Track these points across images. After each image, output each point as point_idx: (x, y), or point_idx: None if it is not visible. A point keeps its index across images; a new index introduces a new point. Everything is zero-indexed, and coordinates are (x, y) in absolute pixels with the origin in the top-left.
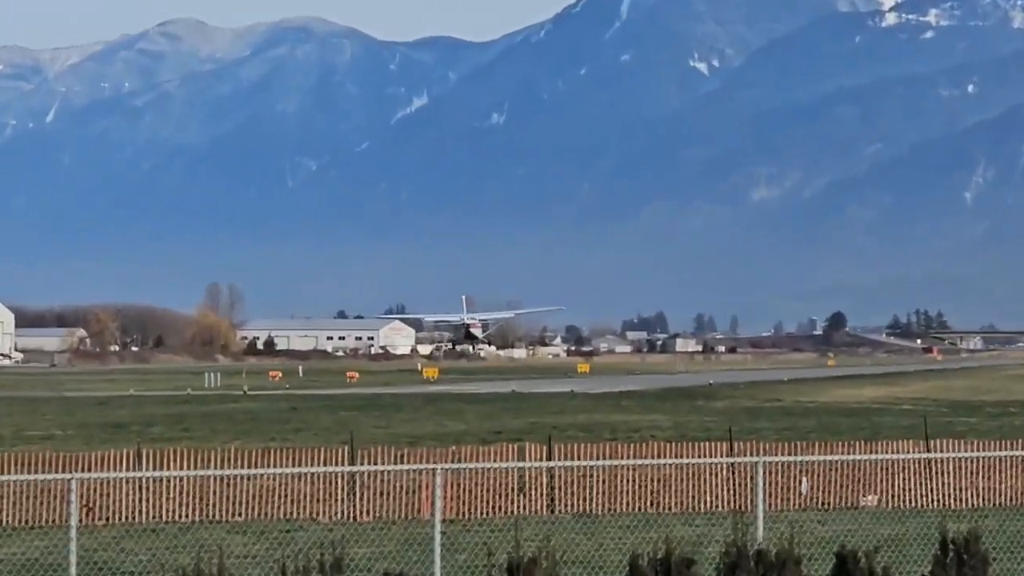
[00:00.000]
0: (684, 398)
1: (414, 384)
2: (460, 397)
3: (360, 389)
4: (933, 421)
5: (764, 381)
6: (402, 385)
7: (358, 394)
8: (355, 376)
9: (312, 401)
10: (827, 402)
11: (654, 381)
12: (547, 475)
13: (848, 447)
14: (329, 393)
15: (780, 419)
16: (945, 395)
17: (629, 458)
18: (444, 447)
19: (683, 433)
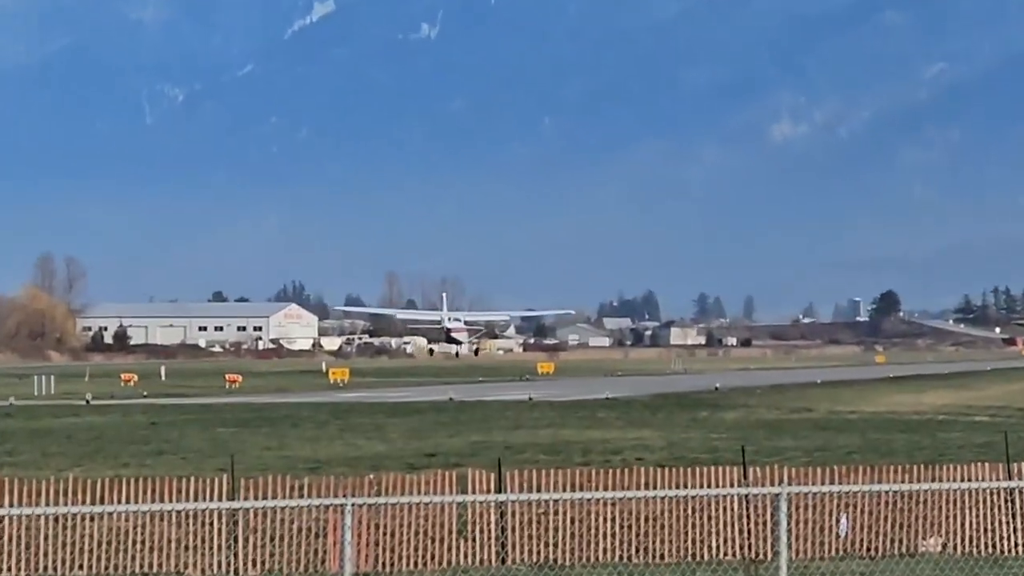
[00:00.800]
0: (682, 408)
1: (317, 390)
2: (379, 407)
3: (244, 397)
4: (1017, 437)
5: (789, 384)
6: (301, 391)
7: (242, 404)
8: (237, 380)
9: (179, 413)
10: (875, 412)
11: (642, 385)
12: (496, 512)
13: (903, 473)
14: (203, 403)
15: (811, 435)
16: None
17: (607, 489)
18: (357, 475)
19: (680, 455)
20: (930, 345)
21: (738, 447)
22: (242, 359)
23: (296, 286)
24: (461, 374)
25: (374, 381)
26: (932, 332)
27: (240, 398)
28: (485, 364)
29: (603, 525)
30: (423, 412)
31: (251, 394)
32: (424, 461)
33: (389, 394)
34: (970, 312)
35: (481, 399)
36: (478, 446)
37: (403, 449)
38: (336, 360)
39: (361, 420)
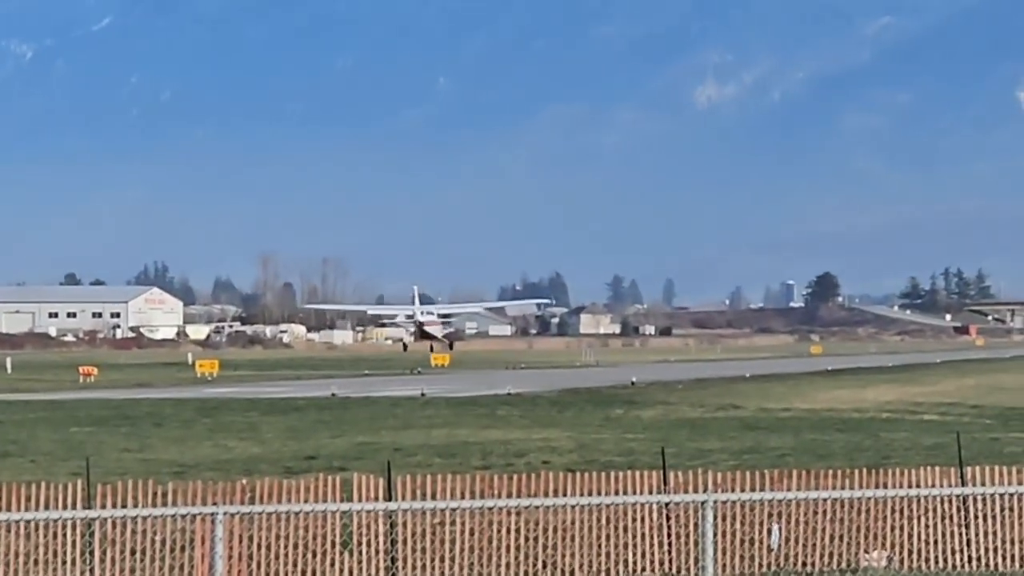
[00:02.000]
0: (594, 404)
1: (183, 384)
2: (253, 404)
3: (101, 392)
4: (971, 438)
5: (715, 378)
6: (165, 386)
7: (97, 400)
8: (93, 372)
9: (27, 411)
10: (810, 409)
11: (548, 379)
12: (385, 523)
13: (843, 478)
14: (54, 398)
15: (739, 436)
16: (989, 398)
17: (510, 496)
18: (228, 481)
19: (592, 458)
20: (872, 334)
21: (657, 449)
22: (98, 349)
23: (158, 267)
24: (344, 367)
25: (247, 374)
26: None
27: (96, 393)
28: (372, 354)
29: (505, 537)
30: (302, 410)
31: (108, 389)
32: (304, 465)
33: (264, 389)
34: (918, 297)
35: (367, 395)
36: (364, 448)
37: (280, 451)
38: (204, 351)
39: (232, 418)
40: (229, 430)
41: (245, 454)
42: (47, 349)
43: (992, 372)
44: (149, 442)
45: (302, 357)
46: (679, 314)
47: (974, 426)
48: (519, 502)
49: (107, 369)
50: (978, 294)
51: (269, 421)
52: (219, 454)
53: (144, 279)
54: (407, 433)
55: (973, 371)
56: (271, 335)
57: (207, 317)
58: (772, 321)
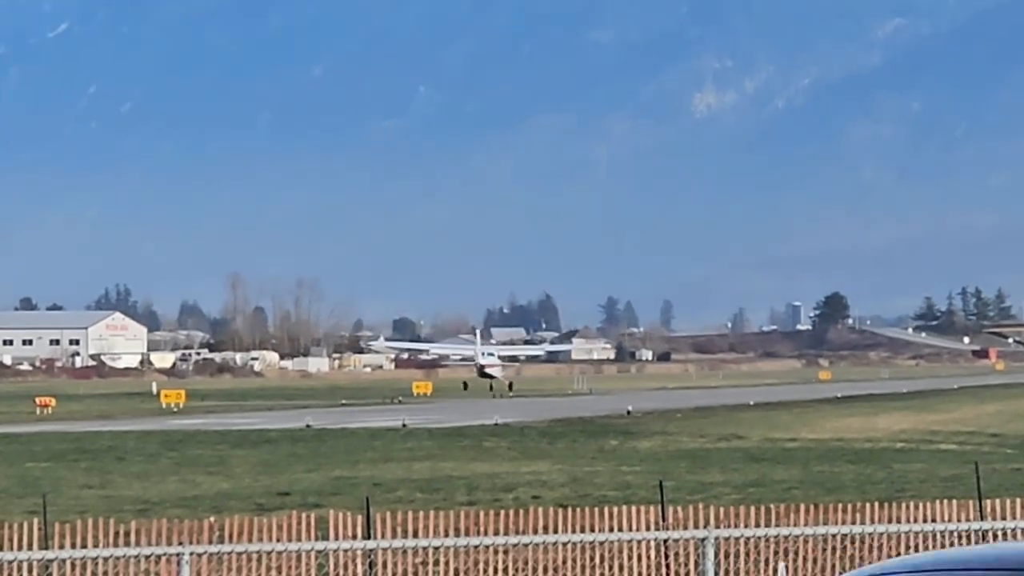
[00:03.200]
0: (587, 435)
1: (147, 416)
2: (222, 436)
3: (59, 424)
4: (991, 469)
5: (716, 406)
6: (127, 417)
7: (55, 432)
8: (50, 403)
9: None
10: (818, 439)
11: (538, 408)
12: (364, 563)
13: (853, 512)
14: (8, 431)
15: (743, 468)
16: (1010, 426)
17: (497, 533)
18: (196, 518)
19: (585, 493)
20: (885, 358)
21: (655, 483)
22: (56, 378)
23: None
24: (319, 396)
25: (215, 405)
26: (887, 342)
27: (54, 425)
28: (350, 383)
29: (494, 575)
30: (275, 442)
31: (67, 420)
32: (276, 501)
33: (234, 420)
34: (933, 318)
35: (344, 426)
36: (341, 483)
37: (251, 487)
38: (169, 380)
39: (200, 452)
40: (196, 464)
41: (214, 490)
42: (1, 379)
43: (1013, 398)
44: (111, 478)
45: (275, 386)
46: (677, 338)
47: (994, 456)
48: (507, 540)
49: (66, 400)
50: (998, 315)
51: (239, 455)
52: (186, 490)
53: (105, 303)
54: (387, 466)
55: (993, 397)
56: (241, 362)
57: (173, 344)
58: (777, 345)
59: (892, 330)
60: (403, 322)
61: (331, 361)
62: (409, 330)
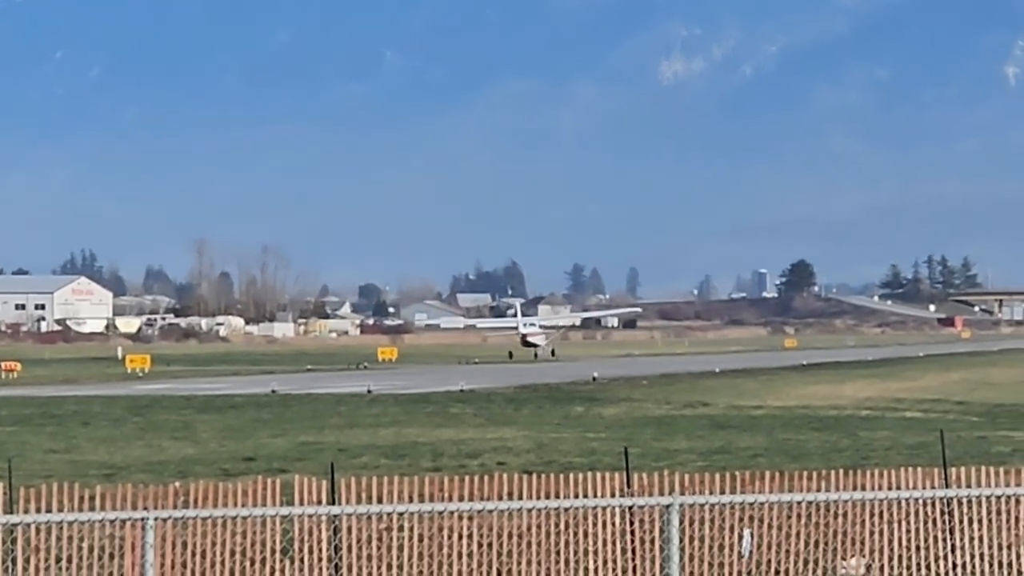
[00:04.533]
0: (552, 401)
1: (113, 380)
2: (187, 401)
3: (24, 389)
4: (956, 437)
5: (682, 373)
6: (93, 382)
7: (20, 397)
8: (15, 368)
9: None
10: (784, 407)
11: (504, 375)
12: (328, 528)
13: (819, 480)
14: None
15: (708, 435)
16: (976, 394)
17: (462, 500)
18: (161, 483)
19: (550, 459)
20: (851, 326)
21: (620, 449)
22: (21, 343)
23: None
24: (285, 362)
25: (181, 370)
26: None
27: (19, 390)
28: (315, 349)
29: (457, 543)
30: (240, 407)
31: (32, 385)
32: (241, 466)
33: (199, 385)
34: (899, 286)
35: (310, 392)
36: (306, 448)
37: (216, 452)
38: (135, 345)
39: (165, 417)
40: (162, 429)
41: (179, 455)
42: None
43: (979, 366)
44: (76, 442)
45: (240, 351)
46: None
47: (959, 424)
48: (472, 506)
49: (31, 364)
50: (964, 283)
51: (205, 420)
52: (151, 455)
53: (71, 268)
54: (352, 432)
55: (959, 365)
56: (207, 328)
57: (138, 309)
58: (743, 312)
59: (858, 298)
60: (369, 288)
61: (297, 327)
62: (375, 296)
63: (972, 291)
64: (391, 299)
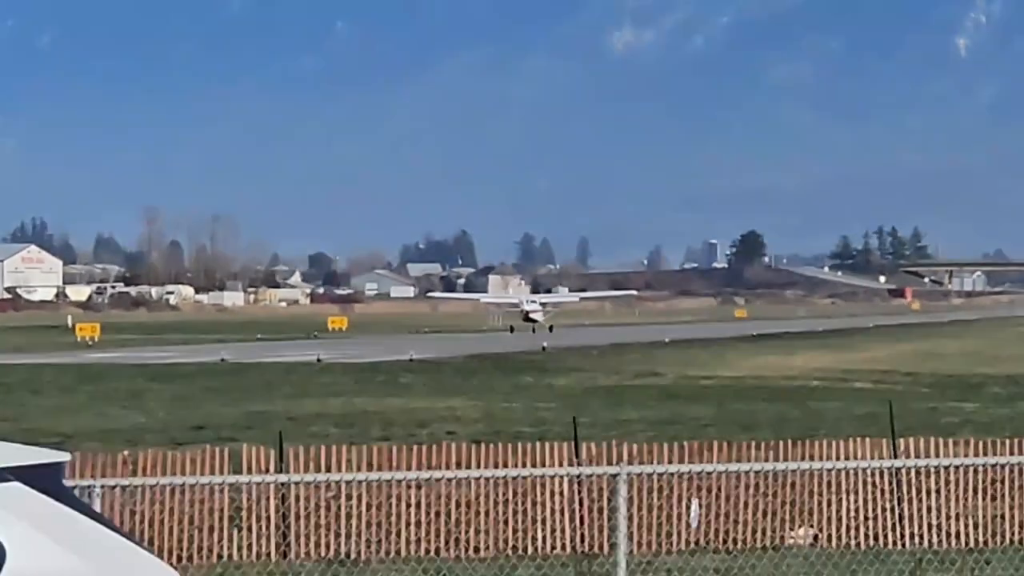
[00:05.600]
0: (502, 372)
1: (62, 349)
2: (137, 370)
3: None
4: (905, 407)
5: (632, 343)
6: (42, 351)
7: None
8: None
9: None
10: (734, 377)
11: (454, 344)
12: (277, 497)
13: (768, 450)
14: None
15: (658, 405)
16: (925, 365)
17: (411, 469)
18: (110, 452)
19: (499, 429)
20: (801, 297)
21: (570, 419)
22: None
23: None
24: (235, 331)
25: (131, 338)
26: (803, 281)
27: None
28: (265, 318)
29: (406, 512)
30: (190, 376)
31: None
32: (191, 435)
33: (149, 354)
34: (849, 257)
35: (259, 360)
36: (256, 417)
37: (166, 420)
38: (85, 313)
39: (115, 385)
40: (112, 398)
41: (128, 423)
42: None
43: (929, 337)
44: (25, 411)
45: (190, 320)
46: (594, 275)
47: (909, 395)
48: (421, 475)
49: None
50: (914, 254)
51: (154, 388)
52: (101, 423)
53: (20, 236)
54: (302, 401)
55: (909, 336)
56: (157, 296)
57: (88, 277)
58: (694, 283)
59: (808, 269)
60: (319, 257)
61: (247, 296)
62: (325, 265)
63: (922, 262)
64: (341, 268)
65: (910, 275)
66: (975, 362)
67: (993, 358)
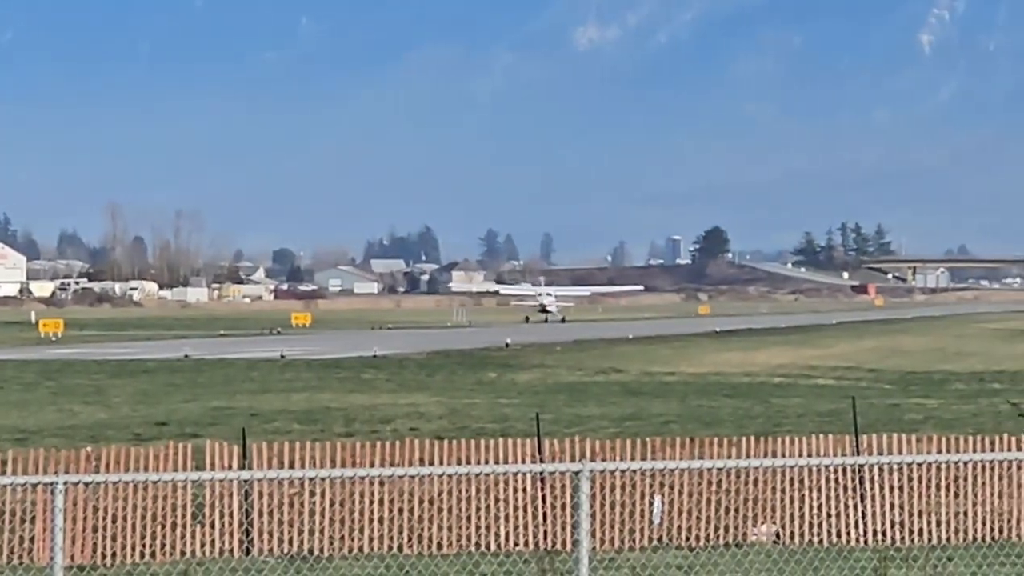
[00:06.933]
0: (466, 368)
1: (25, 345)
2: (100, 366)
3: None
4: (868, 404)
5: (595, 340)
6: (5, 346)
7: None
8: None
9: None
10: (697, 373)
11: (417, 340)
12: (240, 493)
13: (730, 446)
14: None
15: (620, 401)
16: (888, 362)
17: (375, 465)
18: (73, 448)
19: (463, 425)
20: (764, 293)
21: (532, 415)
22: None
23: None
24: (198, 327)
25: (94, 334)
26: (767, 277)
27: None
28: (229, 314)
29: (369, 509)
30: (153, 372)
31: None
32: (154, 431)
33: (112, 350)
34: (813, 254)
35: (223, 356)
36: (219, 413)
37: (129, 416)
38: (48, 309)
39: (78, 381)
40: (74, 394)
41: (91, 419)
42: None
43: (892, 334)
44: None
45: (153, 316)
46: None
47: (872, 391)
48: (384, 471)
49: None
50: (877, 251)
51: (117, 384)
52: (63, 419)
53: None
54: (265, 397)
55: (872, 333)
56: (120, 292)
57: (52, 273)
58: (657, 279)
59: (772, 265)
60: (283, 253)
61: (210, 292)
62: (289, 261)
63: (886, 258)
64: (305, 264)
65: (874, 271)
66: (938, 358)
67: (956, 354)
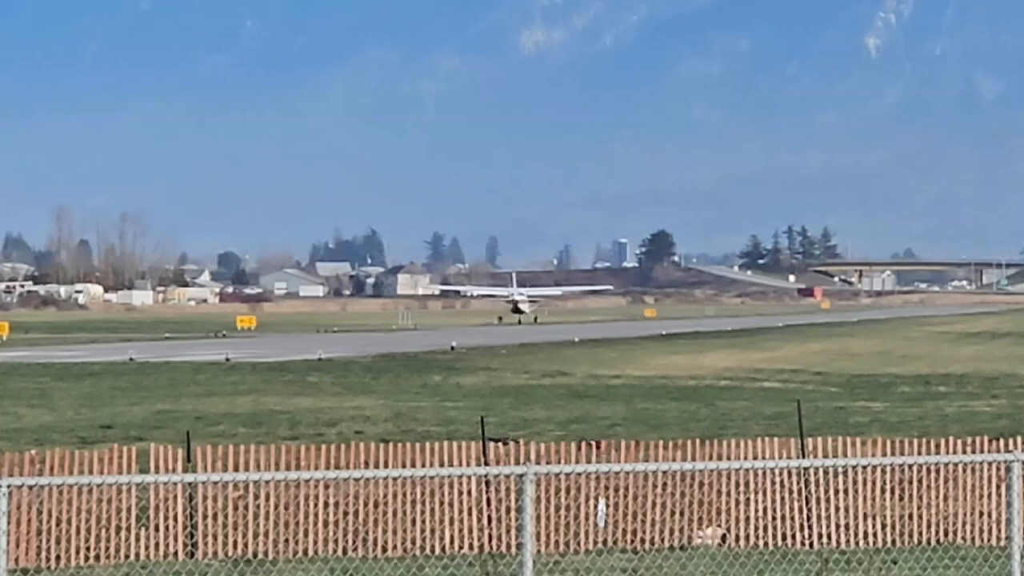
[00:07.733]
0: (411, 371)
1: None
2: (45, 369)
3: None
4: (815, 407)
5: (540, 343)
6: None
7: None
8: None
9: None
10: (643, 376)
11: (362, 343)
12: (184, 496)
13: (675, 449)
14: None
15: (566, 404)
16: (835, 365)
17: (319, 468)
18: (17, 450)
19: (408, 428)
20: (710, 296)
21: (478, 418)
22: None
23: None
24: (143, 330)
25: (39, 337)
26: (713, 280)
27: None
28: (173, 316)
29: (315, 512)
30: (98, 375)
31: None
32: (99, 434)
33: (57, 353)
34: (759, 257)
35: (168, 360)
36: (164, 416)
37: (74, 419)
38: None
39: (23, 384)
40: (19, 397)
41: (36, 422)
42: None
43: (838, 337)
44: None
45: (99, 319)
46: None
47: (818, 394)
48: (328, 475)
49: None
50: (823, 254)
51: (62, 387)
52: (8, 423)
53: None
54: (210, 400)
55: (818, 335)
56: (65, 295)
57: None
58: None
59: (718, 268)
60: (228, 256)
61: (155, 295)
62: (234, 264)
63: (832, 262)
64: (250, 267)
65: (819, 274)
66: (884, 361)
67: (902, 358)
